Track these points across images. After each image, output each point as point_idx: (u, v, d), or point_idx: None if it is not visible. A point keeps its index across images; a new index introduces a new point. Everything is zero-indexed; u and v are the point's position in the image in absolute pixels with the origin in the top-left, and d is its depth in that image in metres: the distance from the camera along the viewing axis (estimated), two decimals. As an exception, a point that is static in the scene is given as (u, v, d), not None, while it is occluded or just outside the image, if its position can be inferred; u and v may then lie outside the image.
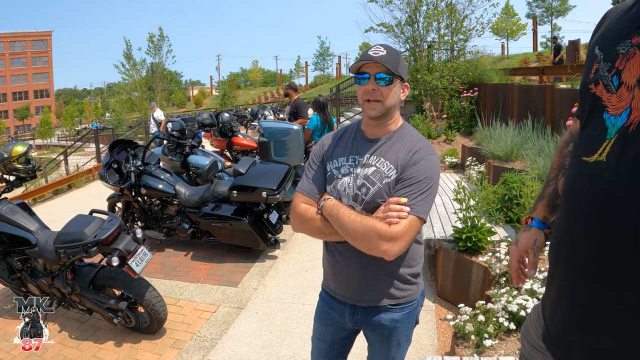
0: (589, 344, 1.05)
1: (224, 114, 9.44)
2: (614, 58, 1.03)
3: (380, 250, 1.55)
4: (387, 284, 1.73)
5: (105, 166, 5.48)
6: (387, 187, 1.64)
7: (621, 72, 1.00)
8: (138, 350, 3.46)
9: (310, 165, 1.84)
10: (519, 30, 36.06)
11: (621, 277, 0.96)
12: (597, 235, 1.00)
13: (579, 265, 1.06)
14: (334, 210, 1.65)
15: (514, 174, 4.58)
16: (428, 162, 1.63)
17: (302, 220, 1.75)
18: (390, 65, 1.59)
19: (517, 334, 2.88)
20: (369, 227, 1.56)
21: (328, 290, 1.90)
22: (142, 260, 3.33)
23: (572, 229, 1.08)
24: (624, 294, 0.96)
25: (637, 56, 0.98)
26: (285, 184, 4.96)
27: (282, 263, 4.99)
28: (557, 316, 1.15)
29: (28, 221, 3.72)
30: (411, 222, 1.56)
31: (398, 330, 1.80)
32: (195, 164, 6.67)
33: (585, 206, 1.04)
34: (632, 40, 1.00)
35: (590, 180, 1.03)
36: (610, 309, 0.98)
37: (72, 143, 21.81)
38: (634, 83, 0.97)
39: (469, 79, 10.99)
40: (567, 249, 1.10)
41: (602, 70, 1.06)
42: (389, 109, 1.66)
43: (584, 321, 1.05)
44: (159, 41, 30.65)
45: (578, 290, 1.06)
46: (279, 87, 47.55)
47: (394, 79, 1.62)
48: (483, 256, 3.75)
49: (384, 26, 11.90)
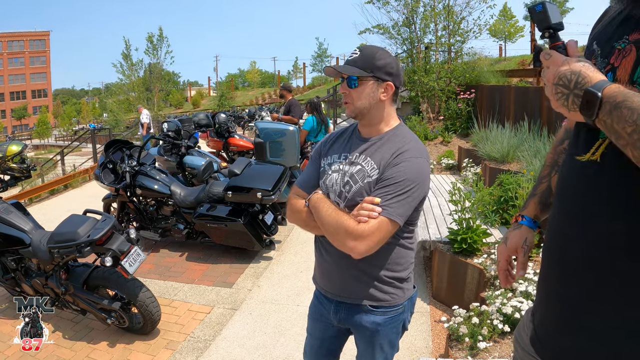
0: (580, 346, 1.04)
1: (221, 114, 9.44)
2: (610, 54, 1.03)
3: (347, 247, 1.56)
4: (365, 284, 1.72)
5: (101, 166, 5.47)
6: (368, 186, 1.64)
7: (616, 69, 1.00)
8: (131, 351, 3.45)
9: (310, 160, 1.90)
10: (516, 33, 36.07)
11: (613, 277, 0.96)
12: (589, 234, 1.00)
13: (570, 266, 1.05)
14: (316, 203, 1.68)
15: (510, 176, 4.58)
16: (411, 165, 1.61)
17: (292, 212, 1.80)
18: (359, 66, 1.63)
19: (512, 336, 2.87)
20: (339, 222, 1.57)
21: (316, 286, 1.93)
22: (136, 260, 3.32)
23: (565, 229, 1.08)
24: (615, 295, 0.96)
25: (633, 53, 0.97)
26: (280, 184, 4.95)
27: (277, 264, 4.98)
28: (547, 318, 1.14)
29: (22, 221, 3.71)
30: (380, 223, 1.54)
31: (380, 334, 1.78)
32: (190, 165, 6.66)
33: (578, 205, 1.04)
34: (630, 37, 0.99)
35: (583, 178, 1.03)
36: (601, 310, 0.98)
37: (69, 143, 21.75)
38: (627, 80, 0.96)
39: (466, 80, 11.00)
40: (559, 249, 1.09)
41: (598, 66, 1.03)
42: (361, 109, 1.68)
43: (574, 323, 1.04)
44: (158, 41, 30.54)
45: (569, 292, 1.05)
46: (276, 89, 47.51)
47: (363, 81, 1.64)
48: (478, 258, 3.75)
49: (380, 28, 11.89)
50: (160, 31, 30.47)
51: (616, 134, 0.87)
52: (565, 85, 0.96)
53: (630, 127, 0.84)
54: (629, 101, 0.85)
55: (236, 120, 16.70)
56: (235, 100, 43.24)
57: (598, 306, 0.99)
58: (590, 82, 0.92)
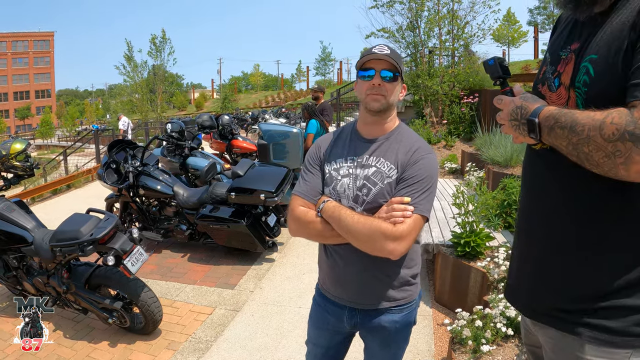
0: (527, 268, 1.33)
1: (224, 116, 9.45)
2: (557, 62, 1.24)
3: (386, 251, 1.55)
4: (387, 286, 1.71)
5: (104, 166, 5.47)
6: (389, 187, 1.64)
7: (561, 75, 1.20)
8: (132, 351, 3.44)
9: (306, 168, 1.82)
10: (520, 38, 36.12)
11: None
12: (545, 210, 1.26)
13: (528, 229, 1.33)
14: (335, 212, 1.63)
15: (514, 180, 4.57)
16: (428, 161, 1.65)
17: (301, 224, 1.72)
18: (395, 62, 1.63)
19: (515, 339, 2.86)
20: (374, 227, 1.55)
21: (325, 293, 1.87)
22: (138, 260, 3.31)
23: (528, 205, 1.35)
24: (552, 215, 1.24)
25: (572, 60, 1.17)
26: (283, 186, 4.94)
27: (280, 266, 4.97)
28: (513, 272, 1.43)
29: (24, 219, 3.70)
30: (415, 221, 1.57)
31: (398, 332, 1.79)
32: (194, 166, 6.66)
33: (530, 184, 1.33)
34: (571, 47, 1.20)
35: (535, 162, 1.30)
36: (541, 240, 1.28)
37: (72, 144, 21.80)
38: (569, 84, 1.16)
39: (469, 85, 10.99)
40: (522, 223, 1.38)
41: (547, 72, 1.27)
42: (390, 105, 1.68)
43: (527, 254, 1.33)
44: (161, 43, 30.64)
45: (528, 242, 1.34)
46: (280, 92, 47.66)
47: (397, 77, 1.65)
48: (481, 261, 3.73)
49: (384, 31, 11.90)
50: (163, 33, 30.61)
51: (558, 147, 1.11)
52: (515, 119, 1.21)
53: (565, 142, 1.07)
54: (560, 121, 1.08)
55: (239, 123, 16.73)
56: (239, 102, 43.33)
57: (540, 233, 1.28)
58: (529, 112, 1.16)
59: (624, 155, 0.96)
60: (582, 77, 1.11)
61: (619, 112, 0.98)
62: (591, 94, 1.09)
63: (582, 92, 1.11)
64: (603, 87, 1.07)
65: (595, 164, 1.03)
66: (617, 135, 0.97)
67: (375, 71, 1.63)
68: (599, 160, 1.01)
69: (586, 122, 1.02)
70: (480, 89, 10.56)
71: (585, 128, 1.02)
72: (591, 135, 1.01)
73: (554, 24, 1.41)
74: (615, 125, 0.97)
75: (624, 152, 0.96)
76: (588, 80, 1.10)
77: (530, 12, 37.22)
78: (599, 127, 0.99)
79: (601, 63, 1.07)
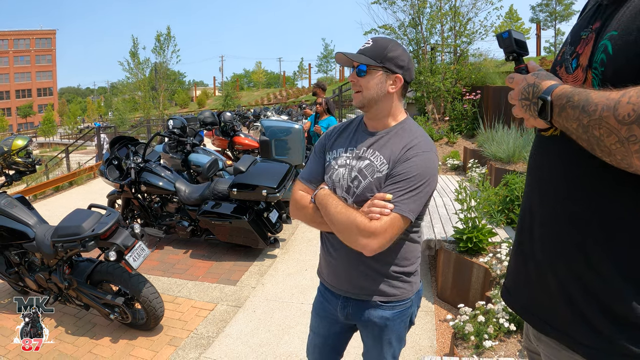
0: (528, 270, 1.22)
1: (226, 113, 9.45)
2: (577, 42, 1.12)
3: (359, 245, 1.53)
4: (375, 280, 1.70)
5: (106, 162, 5.47)
6: (378, 182, 1.61)
7: (579, 56, 1.09)
8: (134, 347, 3.44)
9: (313, 154, 1.85)
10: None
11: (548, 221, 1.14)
12: (550, 203, 1.14)
13: (530, 229, 1.21)
14: (324, 200, 1.65)
15: (516, 176, 4.56)
16: (421, 159, 1.59)
17: (297, 208, 1.77)
18: (369, 55, 1.61)
19: (518, 335, 2.85)
20: (350, 220, 1.54)
21: (322, 282, 1.89)
22: (140, 255, 3.30)
23: (532, 202, 1.22)
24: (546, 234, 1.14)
25: (592, 40, 1.06)
26: (285, 182, 4.93)
27: (282, 262, 4.96)
28: (510, 273, 1.33)
29: (26, 215, 3.70)
30: (393, 220, 1.52)
31: (389, 329, 1.76)
32: (195, 162, 6.66)
33: (537, 178, 1.21)
34: (593, 26, 1.08)
35: (545, 151, 1.17)
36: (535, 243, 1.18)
37: (74, 141, 21.79)
38: (586, 64, 1.05)
39: (471, 81, 10.97)
40: (526, 219, 1.24)
41: (566, 53, 1.15)
42: (368, 100, 1.65)
43: (526, 256, 1.22)
44: (165, 40, 30.64)
45: (530, 241, 1.22)
46: (282, 89, 47.63)
47: (372, 70, 1.62)
48: (484, 257, 3.72)
49: (386, 28, 11.87)
50: (168, 30, 30.61)
51: (568, 130, 0.99)
52: (526, 97, 1.10)
53: (575, 123, 0.95)
54: (571, 101, 0.96)
55: (241, 120, 16.73)
56: (241, 100, 43.34)
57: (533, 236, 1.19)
58: (542, 90, 1.05)
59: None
60: (599, 55, 1.00)
61: (638, 90, 0.84)
62: (608, 73, 0.97)
63: (599, 73, 0.99)
64: (621, 65, 0.94)
65: (607, 151, 0.90)
66: (633, 117, 0.82)
67: (354, 67, 1.65)
68: (611, 146, 0.88)
69: (599, 101, 0.89)
70: (483, 85, 10.53)
71: (598, 107, 0.89)
72: (604, 115, 0.87)
73: (582, 7, 1.26)
74: (632, 105, 0.83)
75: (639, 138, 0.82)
76: (605, 59, 0.98)
77: (533, 9, 36.99)
78: (613, 107, 0.86)
79: (620, 40, 0.95)
